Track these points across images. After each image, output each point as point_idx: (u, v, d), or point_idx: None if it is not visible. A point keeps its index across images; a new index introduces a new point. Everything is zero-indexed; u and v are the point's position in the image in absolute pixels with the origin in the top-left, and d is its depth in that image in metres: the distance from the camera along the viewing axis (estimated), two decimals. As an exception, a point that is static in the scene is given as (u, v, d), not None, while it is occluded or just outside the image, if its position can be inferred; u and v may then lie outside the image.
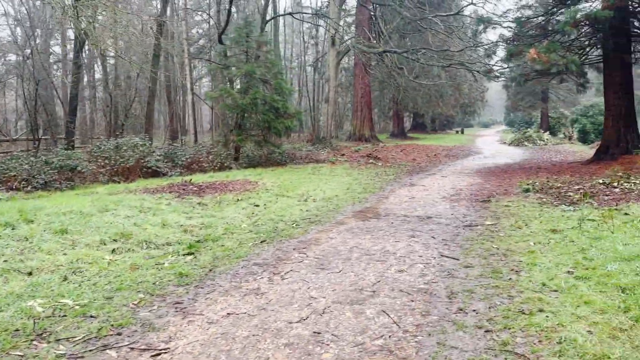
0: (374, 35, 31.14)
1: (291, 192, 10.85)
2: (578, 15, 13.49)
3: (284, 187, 11.53)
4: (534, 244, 6.01)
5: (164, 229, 6.90)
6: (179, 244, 6.23)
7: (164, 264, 5.41)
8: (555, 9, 14.74)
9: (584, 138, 34.71)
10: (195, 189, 10.78)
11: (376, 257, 5.68)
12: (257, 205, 9.15)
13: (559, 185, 11.26)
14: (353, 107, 33.81)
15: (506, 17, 15.35)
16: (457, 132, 57.47)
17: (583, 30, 15.24)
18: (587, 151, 25.17)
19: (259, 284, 4.79)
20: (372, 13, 31.08)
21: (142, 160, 14.01)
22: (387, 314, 3.97)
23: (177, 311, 4.14)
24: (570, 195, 9.67)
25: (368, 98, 32.84)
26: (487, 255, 5.65)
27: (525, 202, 9.39)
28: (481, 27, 14.57)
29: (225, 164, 16.22)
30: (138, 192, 9.83)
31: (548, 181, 12.12)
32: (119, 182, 13.22)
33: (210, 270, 5.27)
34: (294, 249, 6.07)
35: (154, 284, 4.79)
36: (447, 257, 5.65)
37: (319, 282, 4.83)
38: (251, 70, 16.23)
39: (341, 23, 33.48)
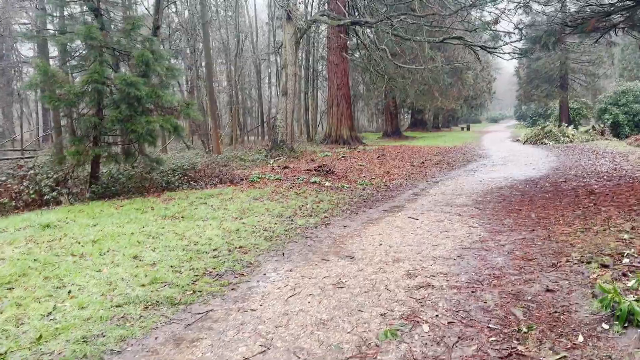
0: (350, 10, 23.75)
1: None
2: None
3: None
4: None
5: None
6: None
7: None
8: None
9: (617, 132, 26.90)
10: None
11: None
12: None
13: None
14: (327, 102, 26.45)
15: None
16: (462, 128, 49.73)
17: None
18: (634, 150, 17.56)
19: None
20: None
21: None
22: None
23: None
24: None
25: (346, 90, 25.41)
26: None
27: None
28: None
29: (48, 197, 9.08)
30: None
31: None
32: None
33: None
34: None
35: None
36: None
37: None
38: (88, 34, 9.03)
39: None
